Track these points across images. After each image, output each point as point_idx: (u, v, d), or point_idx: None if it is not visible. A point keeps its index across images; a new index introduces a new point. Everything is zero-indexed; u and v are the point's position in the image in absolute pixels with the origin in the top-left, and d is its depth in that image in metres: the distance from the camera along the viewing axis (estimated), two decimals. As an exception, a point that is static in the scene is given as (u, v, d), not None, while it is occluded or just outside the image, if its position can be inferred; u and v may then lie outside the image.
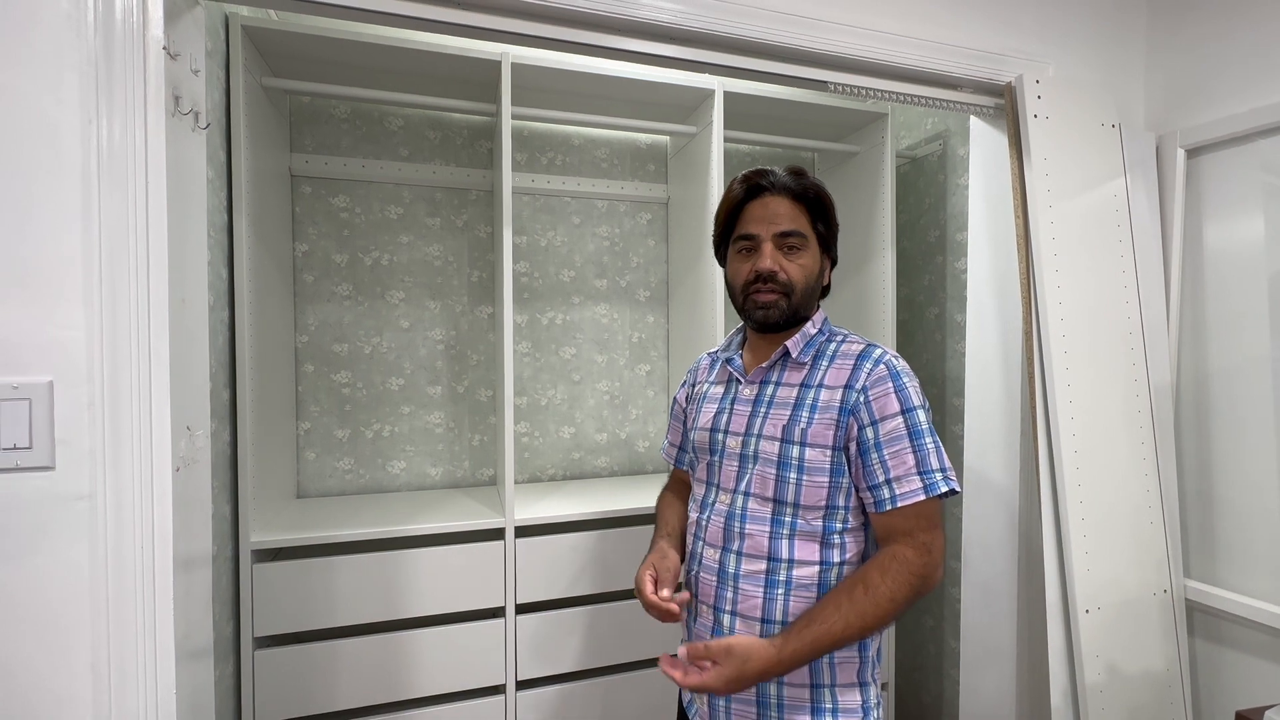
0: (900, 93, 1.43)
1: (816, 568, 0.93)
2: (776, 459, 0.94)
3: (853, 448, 0.92)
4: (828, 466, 0.92)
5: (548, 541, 1.61)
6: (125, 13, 0.84)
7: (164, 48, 0.89)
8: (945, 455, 0.92)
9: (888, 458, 0.90)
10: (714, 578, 0.98)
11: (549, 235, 2.03)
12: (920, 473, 0.89)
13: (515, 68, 1.61)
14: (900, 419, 0.91)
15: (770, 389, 1.00)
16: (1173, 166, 1.52)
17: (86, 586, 0.82)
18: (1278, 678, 1.35)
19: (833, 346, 0.99)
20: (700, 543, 1.01)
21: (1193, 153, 1.51)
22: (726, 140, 1.84)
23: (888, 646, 1.93)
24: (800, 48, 1.29)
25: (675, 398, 1.20)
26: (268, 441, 1.54)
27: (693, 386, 1.16)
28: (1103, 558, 1.39)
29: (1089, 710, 1.35)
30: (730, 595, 0.95)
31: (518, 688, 1.59)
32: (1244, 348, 1.42)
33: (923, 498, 0.89)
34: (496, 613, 1.59)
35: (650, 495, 1.75)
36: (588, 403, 2.08)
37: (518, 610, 1.58)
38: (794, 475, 0.93)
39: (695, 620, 1.02)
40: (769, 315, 0.98)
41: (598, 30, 1.21)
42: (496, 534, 1.57)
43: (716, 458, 1.02)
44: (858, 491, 0.94)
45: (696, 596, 1.01)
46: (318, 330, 1.81)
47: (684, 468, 1.18)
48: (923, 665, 2.11)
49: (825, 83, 1.38)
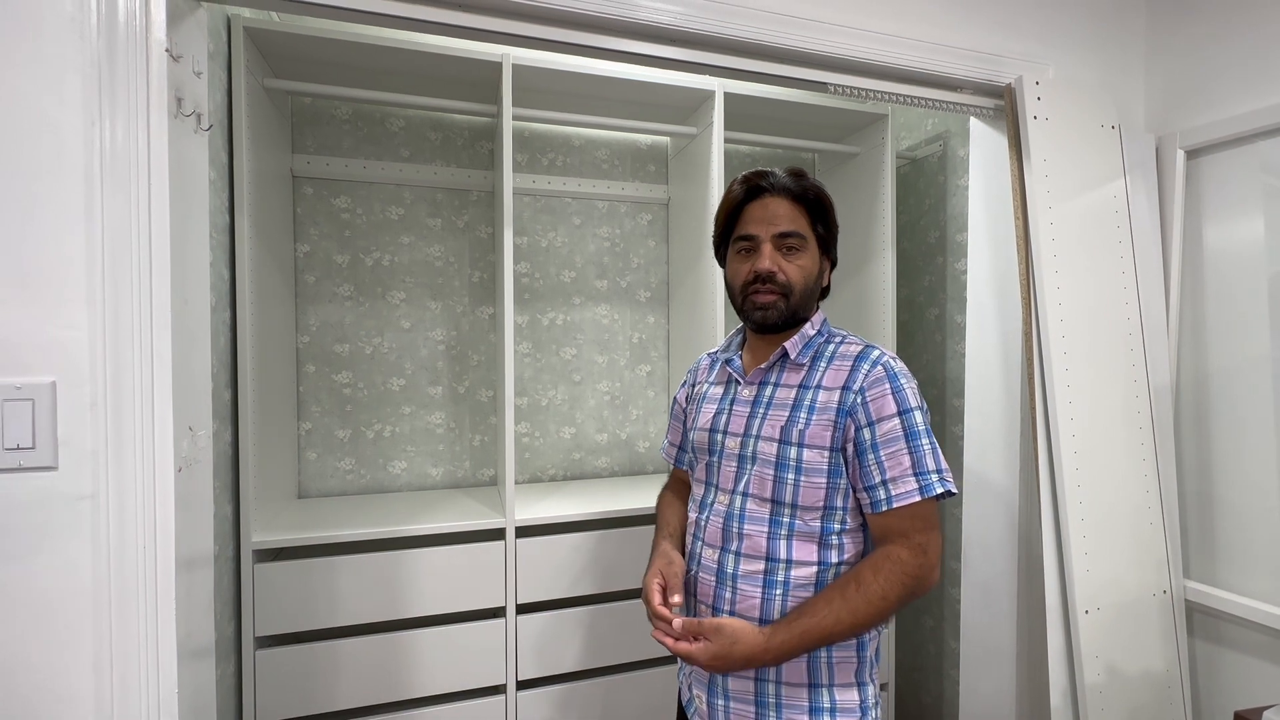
0: (900, 94, 1.44)
1: (814, 568, 0.93)
2: (774, 460, 0.95)
3: (850, 449, 0.93)
4: (825, 467, 0.93)
5: (548, 542, 1.61)
6: (128, 15, 0.84)
7: (166, 49, 0.89)
8: (942, 457, 0.92)
9: (884, 459, 0.90)
10: (712, 578, 0.98)
11: (550, 236, 2.03)
12: (916, 474, 0.90)
13: (516, 69, 1.61)
14: (897, 420, 0.91)
15: (769, 390, 1.00)
16: (1172, 167, 1.52)
17: (89, 586, 0.82)
18: (1277, 678, 1.35)
19: (831, 348, 0.99)
20: (699, 543, 1.02)
21: (1192, 154, 1.51)
22: (727, 141, 1.84)
23: (887, 647, 1.93)
24: (800, 49, 1.29)
25: (675, 398, 1.21)
26: (269, 442, 1.54)
27: (692, 387, 1.16)
28: (1102, 558, 1.39)
29: (1088, 710, 1.35)
30: (728, 595, 0.96)
31: (518, 688, 1.59)
32: (1244, 348, 1.42)
33: (918, 499, 0.89)
34: (497, 613, 1.59)
35: (650, 496, 1.75)
36: (588, 403, 2.08)
37: (518, 610, 1.58)
38: (792, 476, 0.94)
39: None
40: (767, 316, 0.99)
41: (597, 32, 1.21)
42: (497, 534, 1.57)
43: (715, 458, 1.03)
44: (855, 492, 0.94)
45: (695, 596, 1.02)
46: (319, 330, 1.82)
47: (684, 467, 1.18)
48: (923, 665, 2.11)
49: (825, 84, 1.38)
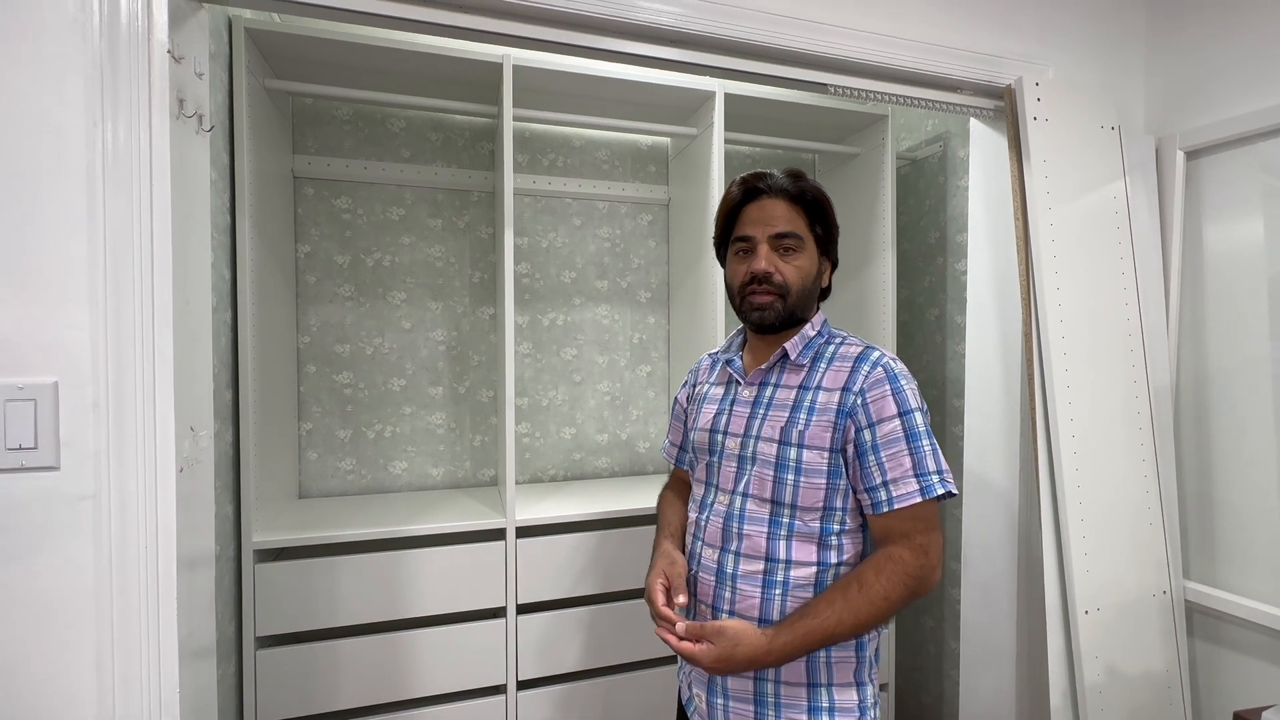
0: (900, 95, 1.44)
1: (814, 569, 0.93)
2: (774, 460, 0.95)
3: (850, 450, 0.93)
4: (825, 468, 0.93)
5: (549, 542, 1.61)
6: (130, 16, 0.84)
7: (168, 51, 0.89)
8: (942, 458, 0.93)
9: (885, 460, 0.90)
10: (712, 577, 0.98)
11: (550, 236, 2.03)
12: (917, 475, 0.90)
13: (517, 70, 1.62)
14: (898, 421, 0.91)
15: (769, 390, 1.00)
16: (1172, 168, 1.52)
17: (91, 586, 0.83)
18: (1276, 678, 1.35)
19: (831, 349, 1.00)
20: (699, 543, 1.02)
21: (1192, 155, 1.51)
22: (727, 142, 1.84)
23: (888, 647, 1.93)
24: (800, 50, 1.30)
25: (676, 398, 1.21)
26: (270, 442, 1.55)
27: (693, 387, 1.16)
28: (1102, 559, 1.39)
29: (1088, 711, 1.35)
30: (728, 595, 0.96)
31: (518, 688, 1.59)
32: (1244, 349, 1.42)
33: (919, 500, 0.89)
34: (497, 613, 1.59)
35: (651, 496, 1.75)
36: (588, 403, 2.08)
37: (519, 610, 1.58)
38: (791, 477, 0.94)
39: (694, 619, 1.03)
40: (765, 317, 0.99)
41: (597, 33, 1.21)
42: (497, 534, 1.57)
43: (716, 458, 1.03)
44: (855, 493, 0.94)
45: (695, 596, 1.02)
46: (320, 331, 1.82)
47: (684, 467, 1.18)
48: (923, 666, 2.11)
49: (825, 85, 1.38)
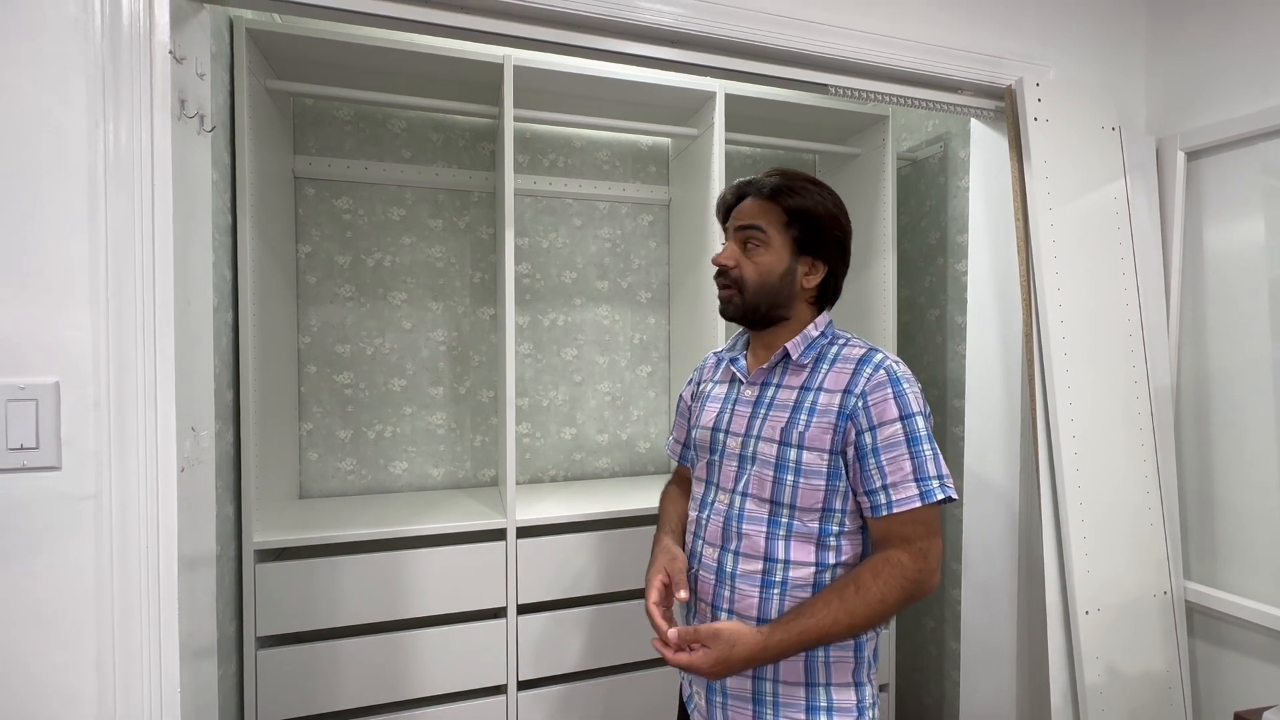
0: (901, 95, 1.44)
1: (812, 569, 0.93)
2: (774, 461, 0.95)
3: (850, 452, 0.92)
4: (824, 470, 0.93)
5: (549, 542, 1.61)
6: (132, 17, 0.84)
7: (170, 51, 0.89)
8: (943, 462, 0.92)
9: (885, 464, 0.90)
10: (712, 576, 0.99)
11: (551, 237, 2.03)
12: (917, 479, 0.89)
13: (517, 70, 1.62)
14: (898, 425, 0.91)
15: (771, 390, 1.00)
16: (1173, 169, 1.52)
17: (92, 585, 0.83)
18: (1277, 679, 1.35)
19: (835, 350, 0.99)
20: (700, 541, 1.02)
21: (1193, 155, 1.51)
22: (728, 142, 1.84)
23: (888, 648, 1.93)
24: (801, 51, 1.30)
25: (681, 395, 1.22)
26: (271, 442, 1.55)
27: (698, 385, 1.17)
28: (1102, 559, 1.39)
29: (1089, 711, 1.35)
30: (727, 594, 0.97)
31: (519, 688, 1.59)
32: (1244, 349, 1.42)
33: (918, 504, 0.89)
34: (498, 613, 1.59)
35: (651, 496, 1.76)
36: (589, 404, 2.08)
37: (519, 611, 1.58)
38: (790, 477, 0.94)
39: (694, 617, 1.04)
40: (724, 309, 1.02)
41: (597, 33, 1.21)
42: (498, 534, 1.57)
43: (717, 457, 1.03)
44: (855, 496, 0.94)
45: (695, 594, 1.02)
46: (320, 331, 1.82)
47: (687, 464, 1.18)
48: (923, 666, 2.11)
49: (826, 85, 1.38)
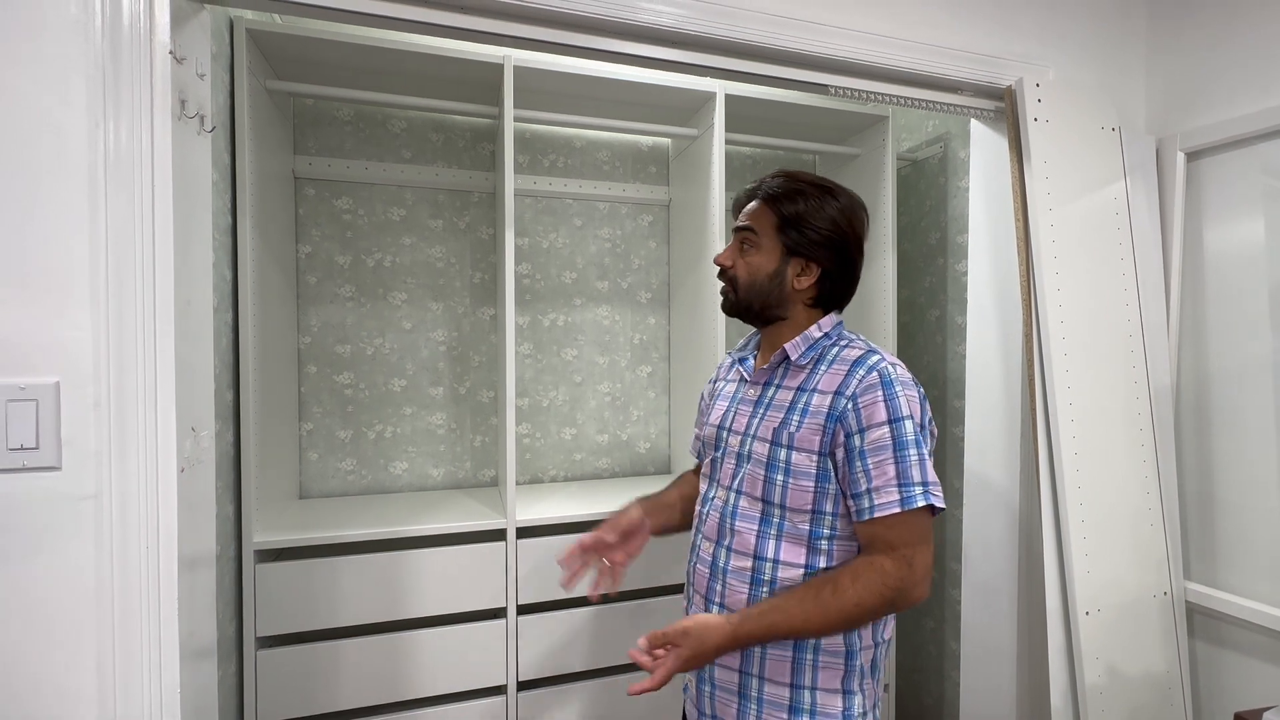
0: (901, 96, 1.44)
1: (802, 570, 0.94)
2: (765, 460, 0.96)
3: (840, 454, 0.92)
4: (813, 471, 0.93)
5: (549, 542, 1.61)
6: (132, 17, 0.84)
7: (170, 52, 0.89)
8: (929, 469, 0.90)
9: (871, 467, 0.89)
10: (707, 569, 1.02)
11: (551, 237, 2.03)
12: (900, 484, 0.88)
13: (518, 70, 1.62)
14: (886, 429, 0.89)
15: (771, 390, 1.01)
16: (1173, 170, 1.52)
17: (92, 585, 0.83)
18: (1277, 679, 1.35)
19: (835, 351, 0.99)
20: (699, 535, 1.06)
21: (1193, 156, 1.51)
22: (728, 143, 1.84)
23: (888, 648, 1.93)
24: (801, 51, 1.30)
25: (702, 392, 1.23)
26: (271, 442, 1.55)
27: (714, 383, 1.19)
28: (1103, 559, 1.39)
29: (1089, 711, 1.35)
30: (719, 588, 0.99)
31: (519, 688, 1.59)
32: (1244, 350, 1.42)
33: (898, 510, 0.87)
34: (498, 613, 1.59)
35: (651, 496, 1.77)
36: (589, 404, 2.08)
37: (519, 611, 1.58)
38: (780, 477, 0.95)
39: (690, 609, 1.07)
40: (722, 305, 1.07)
41: (597, 34, 1.21)
42: (498, 535, 1.57)
43: (720, 454, 1.05)
44: (845, 499, 0.94)
45: (692, 586, 1.05)
46: (320, 331, 1.82)
47: (697, 454, 1.20)
48: (923, 667, 2.11)
49: (826, 86, 1.38)
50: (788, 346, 1.00)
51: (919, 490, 0.88)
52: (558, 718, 1.63)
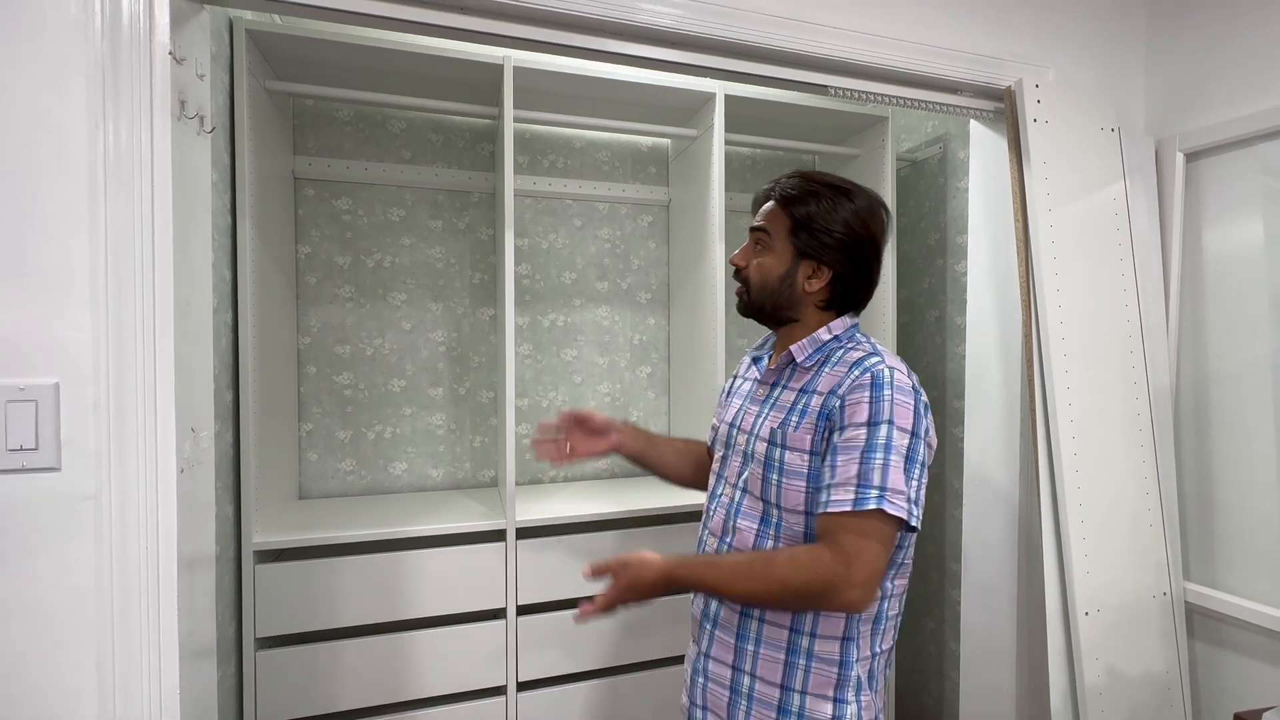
0: (900, 96, 1.44)
1: None
2: (764, 459, 0.97)
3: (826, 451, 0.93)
4: (805, 471, 0.93)
5: (549, 543, 1.61)
6: (132, 18, 0.84)
7: (170, 52, 0.90)
8: (898, 476, 0.86)
9: (838, 464, 0.88)
10: None
11: (550, 237, 2.03)
12: (858, 485, 0.86)
13: (517, 71, 1.62)
14: (864, 429, 0.88)
15: (778, 391, 1.02)
16: (1172, 170, 1.52)
17: (92, 586, 0.83)
18: (1277, 680, 1.35)
19: (840, 354, 0.98)
20: (706, 531, 1.08)
21: (1192, 156, 1.51)
22: (728, 143, 1.84)
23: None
24: (801, 52, 1.30)
25: (723, 386, 1.24)
26: (270, 443, 1.55)
27: (734, 379, 1.19)
28: (1102, 560, 1.39)
29: (1089, 712, 1.35)
30: None
31: (519, 689, 1.59)
32: (1244, 351, 1.42)
33: (847, 509, 0.85)
34: (498, 614, 1.59)
35: (650, 498, 1.77)
36: (589, 404, 2.08)
37: (519, 611, 1.58)
38: (776, 477, 0.96)
39: (694, 600, 1.10)
40: (737, 305, 1.08)
41: (596, 34, 1.21)
42: (498, 535, 1.57)
43: (729, 451, 1.07)
44: None
45: None
46: (320, 332, 1.82)
47: (711, 445, 1.21)
48: (923, 667, 2.11)
49: (825, 87, 1.38)
50: (794, 349, 1.00)
51: (874, 493, 0.85)
52: (557, 718, 1.63)
